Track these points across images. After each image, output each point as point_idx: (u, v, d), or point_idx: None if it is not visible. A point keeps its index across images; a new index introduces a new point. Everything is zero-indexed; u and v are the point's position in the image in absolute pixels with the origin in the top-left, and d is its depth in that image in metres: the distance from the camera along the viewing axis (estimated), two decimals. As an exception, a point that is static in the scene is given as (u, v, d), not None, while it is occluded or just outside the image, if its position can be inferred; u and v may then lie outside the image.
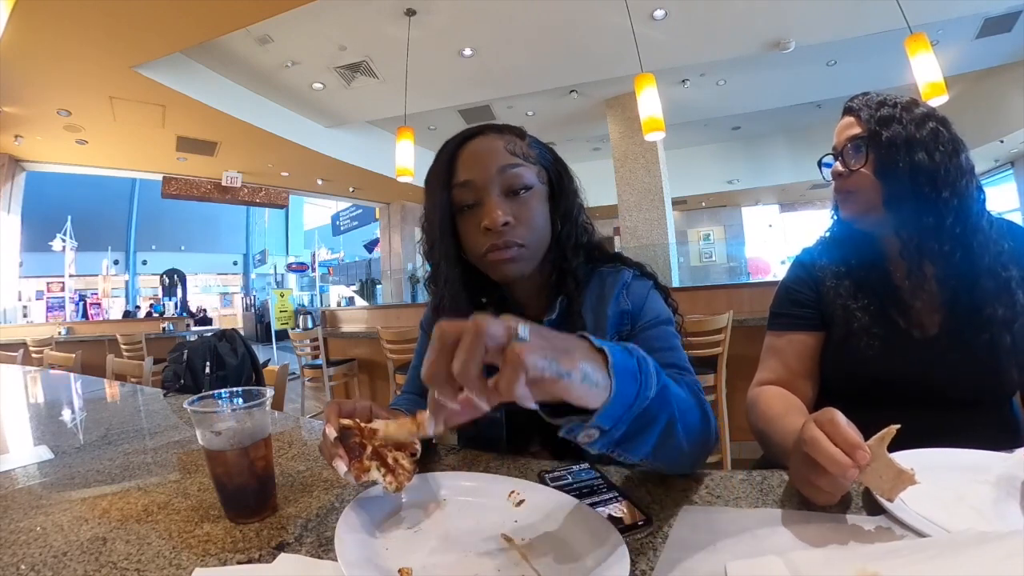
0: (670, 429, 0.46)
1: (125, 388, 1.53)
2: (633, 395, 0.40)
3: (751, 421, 0.78)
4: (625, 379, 0.39)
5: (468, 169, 0.68)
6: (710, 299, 3.35)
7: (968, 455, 0.55)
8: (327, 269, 16.18)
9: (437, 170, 0.70)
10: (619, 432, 0.41)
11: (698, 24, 4.48)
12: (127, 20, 3.53)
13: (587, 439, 0.40)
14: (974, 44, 5.19)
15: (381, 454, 0.49)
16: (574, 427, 0.40)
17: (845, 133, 0.78)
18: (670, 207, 6.05)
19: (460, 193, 0.68)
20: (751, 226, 11.54)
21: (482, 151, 0.69)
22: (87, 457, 0.79)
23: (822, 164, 0.83)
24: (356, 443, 0.48)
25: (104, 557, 0.45)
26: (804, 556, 0.38)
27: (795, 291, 0.84)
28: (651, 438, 0.45)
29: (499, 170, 0.67)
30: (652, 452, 0.46)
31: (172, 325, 6.52)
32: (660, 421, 0.45)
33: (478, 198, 0.67)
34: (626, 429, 0.41)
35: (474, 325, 0.33)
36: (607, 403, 0.37)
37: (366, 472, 0.47)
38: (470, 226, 0.68)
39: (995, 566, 0.33)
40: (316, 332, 4.22)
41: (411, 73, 4.64)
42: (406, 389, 0.88)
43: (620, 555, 0.39)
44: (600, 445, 0.41)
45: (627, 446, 0.43)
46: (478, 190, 0.67)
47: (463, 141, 0.70)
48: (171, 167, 6.90)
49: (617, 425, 0.40)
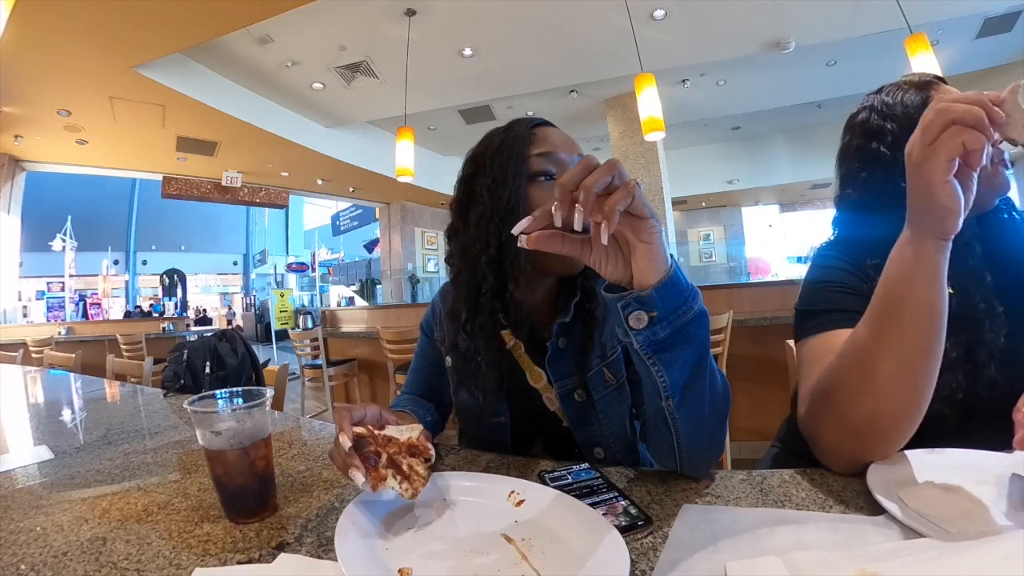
0: (702, 361, 0.49)
1: (125, 388, 1.53)
2: (682, 298, 0.46)
3: (823, 403, 0.58)
4: (679, 278, 0.45)
5: (550, 143, 0.69)
6: (710, 299, 3.32)
7: (968, 455, 0.55)
8: (327, 269, 16.17)
9: (509, 143, 0.69)
10: (664, 331, 0.45)
11: (698, 24, 4.48)
12: (127, 20, 3.53)
13: (637, 323, 0.45)
14: (974, 44, 5.19)
15: (396, 461, 0.49)
16: (630, 302, 0.45)
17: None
18: (670, 207, 6.06)
19: (540, 162, 0.67)
20: (751, 226, 11.55)
21: (563, 135, 0.71)
22: (87, 457, 0.79)
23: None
24: (371, 452, 0.48)
25: (104, 557, 0.45)
26: (804, 556, 0.38)
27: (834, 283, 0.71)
28: (688, 358, 0.48)
29: (576, 156, 0.69)
30: (683, 385, 0.49)
31: (172, 325, 6.52)
32: (696, 342, 0.48)
33: (560, 170, 0.67)
34: (670, 332, 0.45)
35: (609, 162, 0.42)
36: (664, 280, 0.44)
37: (383, 481, 0.47)
38: (545, 197, 0.66)
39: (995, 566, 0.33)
40: (316, 332, 4.22)
41: (411, 73, 4.65)
42: (406, 390, 0.88)
43: (620, 555, 0.39)
44: (644, 338, 0.46)
45: (665, 357, 0.47)
46: (561, 163, 0.68)
47: (536, 125, 0.71)
48: (171, 167, 6.90)
49: (666, 318, 0.45)
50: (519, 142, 0.68)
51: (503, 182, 0.67)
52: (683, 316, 0.46)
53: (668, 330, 0.45)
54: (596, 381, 0.69)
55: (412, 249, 9.61)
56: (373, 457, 0.48)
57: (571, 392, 0.71)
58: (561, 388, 0.71)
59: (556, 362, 0.71)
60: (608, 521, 0.45)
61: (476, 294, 0.69)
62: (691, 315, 0.46)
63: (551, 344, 0.70)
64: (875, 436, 0.54)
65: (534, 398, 0.74)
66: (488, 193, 0.68)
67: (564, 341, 0.70)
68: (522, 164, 0.67)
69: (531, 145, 0.68)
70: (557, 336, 0.70)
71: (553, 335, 0.70)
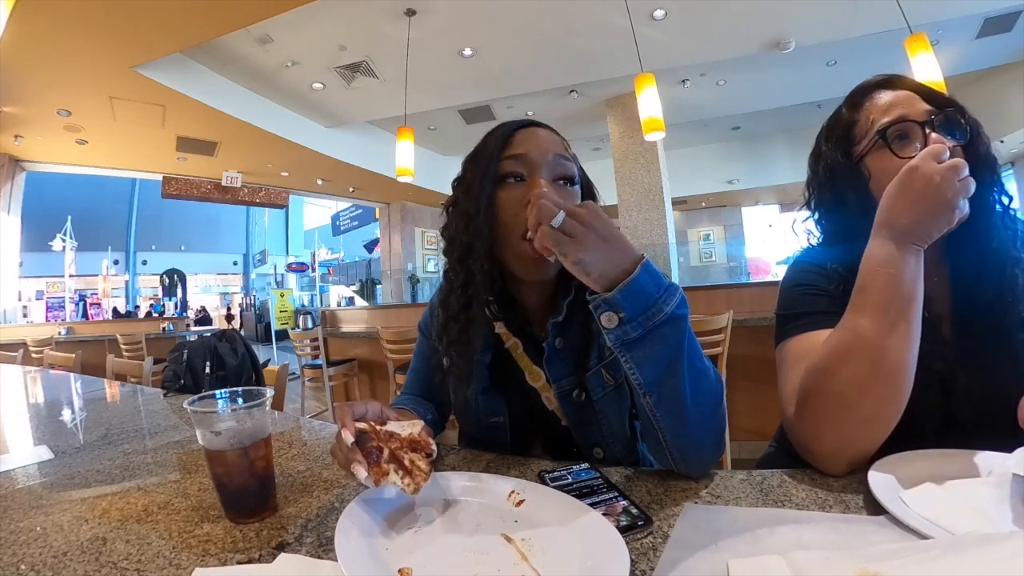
0: (677, 361, 0.51)
1: (125, 388, 1.53)
2: (651, 300, 0.48)
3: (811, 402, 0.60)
4: (644, 283, 0.48)
5: (523, 144, 0.68)
6: (710, 299, 3.35)
7: (968, 455, 0.55)
8: (327, 269, 16.17)
9: (488, 145, 0.70)
10: (635, 332, 0.48)
11: (698, 24, 4.48)
12: (127, 20, 3.53)
13: (608, 322, 0.49)
14: (974, 44, 5.19)
15: (398, 456, 0.49)
16: (599, 304, 0.49)
17: (919, 106, 0.67)
18: (670, 207, 6.05)
19: (510, 164, 0.67)
20: (751, 226, 11.54)
21: (540, 135, 0.70)
22: (87, 457, 0.79)
23: (895, 135, 0.67)
24: (373, 447, 0.49)
25: (104, 557, 0.45)
26: (805, 556, 0.38)
27: (810, 286, 0.73)
28: (662, 358, 0.50)
29: (554, 155, 0.68)
30: (658, 383, 0.51)
31: (172, 325, 6.52)
32: (671, 343, 0.50)
33: (529, 172, 0.67)
34: (641, 332, 0.48)
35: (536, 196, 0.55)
36: (626, 284, 0.48)
37: (385, 476, 0.47)
38: (512, 199, 0.65)
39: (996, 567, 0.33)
40: (316, 332, 4.21)
41: (411, 73, 4.64)
42: (406, 390, 0.88)
43: (620, 555, 0.39)
44: (615, 336, 0.49)
45: (637, 355, 0.50)
46: (530, 164, 0.67)
47: (519, 127, 0.71)
48: (171, 167, 6.90)
49: (635, 319, 0.48)
50: (494, 145, 0.69)
51: (472, 183, 0.69)
52: (653, 318, 0.48)
53: (639, 331, 0.48)
54: (594, 382, 0.69)
55: (412, 249, 9.61)
56: (375, 452, 0.48)
57: (569, 392, 0.71)
58: (559, 388, 0.71)
59: (553, 362, 0.70)
60: (608, 521, 0.45)
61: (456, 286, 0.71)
62: (662, 317, 0.48)
63: (548, 344, 0.70)
64: (879, 424, 0.56)
65: (532, 397, 0.74)
66: (464, 194, 0.70)
67: (561, 341, 0.70)
68: (491, 165, 0.68)
69: (506, 147, 0.68)
70: (553, 336, 0.70)
71: (549, 335, 0.70)
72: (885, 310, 0.56)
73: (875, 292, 0.57)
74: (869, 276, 0.58)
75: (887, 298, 0.56)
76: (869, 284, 0.57)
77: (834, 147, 0.74)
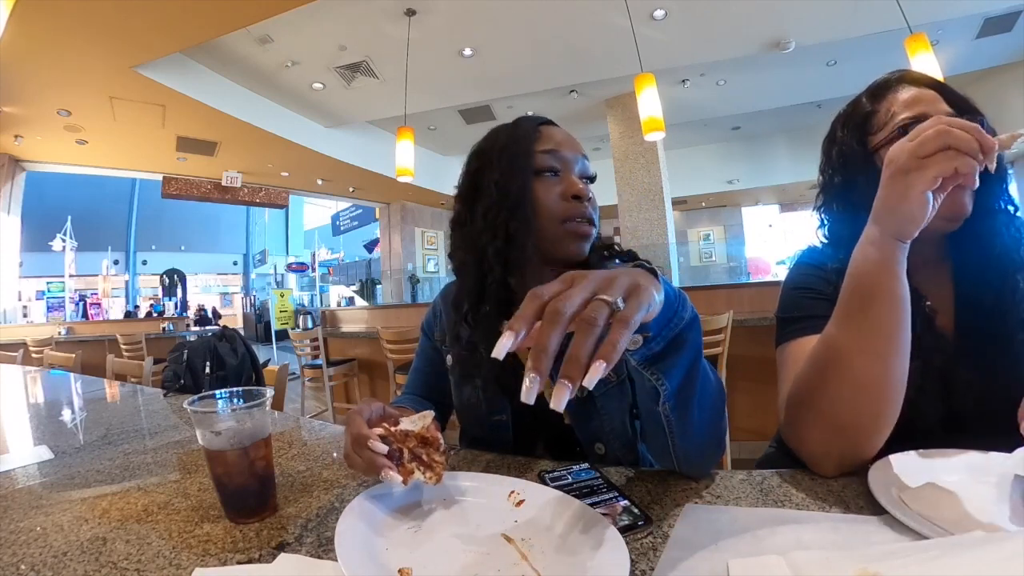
0: (696, 363, 0.49)
1: (125, 388, 1.53)
2: (672, 311, 0.45)
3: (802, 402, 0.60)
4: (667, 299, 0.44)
5: (554, 141, 0.72)
6: (710, 299, 3.35)
7: (968, 455, 0.55)
8: (327, 269, 16.16)
9: (516, 139, 0.72)
10: (659, 346, 0.45)
11: (698, 24, 4.48)
12: (127, 20, 3.53)
13: (633, 344, 0.44)
14: (974, 44, 5.19)
15: (416, 454, 0.52)
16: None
17: (941, 107, 0.66)
18: (670, 207, 6.05)
19: (544, 158, 0.71)
20: (751, 226, 11.54)
21: (566, 134, 0.75)
22: (87, 457, 0.79)
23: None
24: (395, 450, 0.51)
25: (104, 557, 0.45)
26: (805, 556, 0.38)
27: (809, 289, 0.73)
28: (684, 361, 0.48)
29: (583, 154, 0.73)
30: (679, 387, 0.49)
31: (172, 325, 6.52)
32: (690, 345, 0.48)
33: (563, 167, 0.71)
34: (664, 345, 0.46)
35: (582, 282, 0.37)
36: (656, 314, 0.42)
37: (411, 475, 0.50)
38: (550, 191, 0.70)
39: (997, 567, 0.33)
40: (316, 332, 4.21)
41: (411, 73, 4.64)
42: (407, 390, 0.88)
43: (620, 555, 0.39)
44: (640, 355, 0.45)
45: (663, 365, 0.47)
46: (564, 161, 0.71)
47: (542, 123, 0.75)
48: (171, 167, 6.90)
49: (659, 335, 0.45)
50: (526, 138, 0.71)
51: (510, 176, 0.70)
52: (675, 328, 0.46)
53: (662, 344, 0.46)
54: None
55: (412, 249, 9.61)
56: (397, 455, 0.51)
57: None
58: None
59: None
60: (608, 521, 0.45)
61: (481, 284, 0.71)
62: (682, 324, 0.47)
63: None
64: (858, 433, 0.55)
65: None
66: (496, 187, 0.70)
67: None
68: (528, 160, 0.70)
69: (537, 142, 0.71)
70: None
71: None
72: (845, 311, 0.55)
73: (843, 292, 0.56)
74: (846, 277, 0.56)
75: (845, 298, 0.55)
76: (843, 285, 0.57)
77: (850, 134, 0.74)
